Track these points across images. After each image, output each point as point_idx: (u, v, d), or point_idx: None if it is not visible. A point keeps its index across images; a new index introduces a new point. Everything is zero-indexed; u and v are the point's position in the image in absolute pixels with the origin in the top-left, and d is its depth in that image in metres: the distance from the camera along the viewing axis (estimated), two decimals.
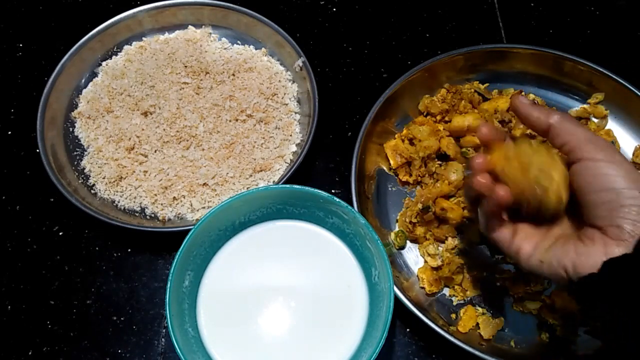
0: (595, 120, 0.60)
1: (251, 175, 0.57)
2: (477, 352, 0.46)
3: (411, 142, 0.58)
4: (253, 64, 0.64)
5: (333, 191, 0.59)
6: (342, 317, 0.45)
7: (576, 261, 0.35)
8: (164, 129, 0.59)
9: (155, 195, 0.56)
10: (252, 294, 0.46)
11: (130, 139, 0.58)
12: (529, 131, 0.57)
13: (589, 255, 0.35)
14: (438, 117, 0.60)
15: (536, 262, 0.38)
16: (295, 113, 0.62)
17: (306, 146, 0.56)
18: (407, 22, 0.70)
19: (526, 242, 0.40)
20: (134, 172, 0.57)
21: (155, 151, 0.58)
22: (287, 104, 0.62)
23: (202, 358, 0.43)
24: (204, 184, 0.56)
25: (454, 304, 0.52)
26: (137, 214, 0.56)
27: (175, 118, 0.59)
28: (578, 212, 0.38)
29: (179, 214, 0.56)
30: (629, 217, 0.34)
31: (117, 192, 0.57)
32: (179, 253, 0.43)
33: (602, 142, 0.37)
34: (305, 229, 0.49)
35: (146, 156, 0.58)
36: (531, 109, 0.40)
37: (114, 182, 0.57)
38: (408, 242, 0.55)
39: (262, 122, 0.60)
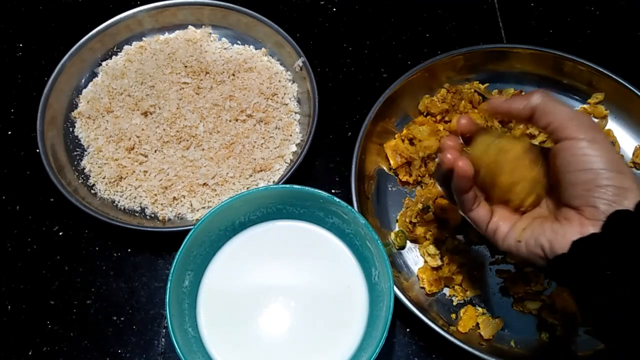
0: (595, 120, 0.60)
1: (251, 175, 0.57)
2: (477, 352, 0.46)
3: (411, 142, 0.58)
4: (253, 64, 0.64)
5: (333, 191, 0.59)
6: (342, 317, 0.45)
7: (552, 239, 0.35)
8: (164, 129, 0.59)
9: (155, 195, 0.56)
10: (252, 294, 0.46)
11: (130, 139, 0.58)
12: (528, 131, 0.57)
13: (565, 234, 0.35)
14: (438, 117, 0.60)
15: (513, 241, 0.38)
16: (295, 113, 0.62)
17: (306, 146, 0.56)
18: (407, 22, 0.70)
19: (503, 223, 0.40)
20: (134, 172, 0.57)
21: (155, 151, 0.58)
22: (287, 104, 0.62)
23: (202, 358, 0.43)
24: (204, 184, 0.56)
25: (454, 304, 0.52)
26: (137, 214, 0.56)
27: (175, 118, 0.59)
28: (556, 192, 0.38)
29: (179, 214, 0.56)
30: (604, 197, 0.34)
31: (117, 192, 0.57)
32: (179, 253, 0.43)
33: (585, 121, 0.36)
34: (305, 229, 0.49)
35: (146, 156, 0.58)
36: (510, 103, 0.39)
37: (114, 182, 0.57)
38: (408, 242, 0.55)
39: (262, 122, 0.60)
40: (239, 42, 0.67)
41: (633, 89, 0.57)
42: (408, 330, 0.52)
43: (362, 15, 0.71)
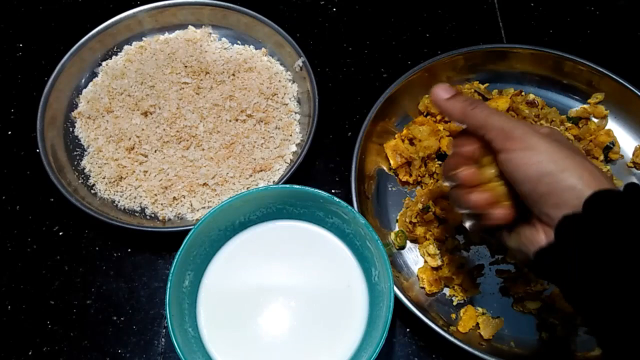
0: (595, 120, 0.60)
1: (251, 175, 0.57)
2: (477, 352, 0.46)
3: (411, 142, 0.58)
4: (253, 64, 0.64)
5: (333, 191, 0.59)
6: (342, 317, 0.45)
7: (527, 247, 0.36)
8: (164, 129, 0.59)
9: (155, 195, 0.56)
10: (252, 293, 0.46)
11: (130, 139, 0.58)
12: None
13: (534, 241, 0.35)
14: (438, 117, 0.60)
15: (509, 245, 0.39)
16: (295, 113, 0.62)
17: (306, 146, 0.56)
18: (407, 22, 0.70)
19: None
20: (134, 172, 0.57)
21: (155, 151, 0.58)
22: (287, 104, 0.62)
23: (202, 358, 0.43)
24: (204, 184, 0.56)
25: (454, 304, 0.52)
26: (137, 214, 0.56)
27: (175, 118, 0.59)
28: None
29: (179, 214, 0.56)
30: (550, 202, 0.33)
31: (117, 192, 0.57)
32: (179, 253, 0.43)
33: (518, 130, 0.34)
34: (305, 229, 0.49)
35: (146, 156, 0.58)
36: (446, 104, 0.38)
37: (114, 182, 0.57)
38: (408, 242, 0.55)
39: (262, 122, 0.60)
40: (239, 42, 0.67)
41: (633, 89, 0.57)
42: (408, 330, 0.52)
43: (362, 15, 0.71)
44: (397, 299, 0.47)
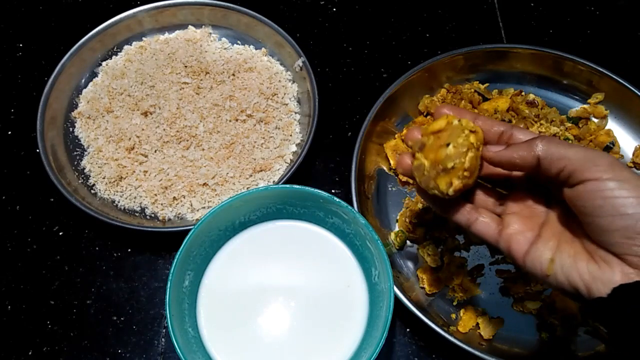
0: (595, 120, 0.60)
1: (251, 175, 0.57)
2: (477, 352, 0.46)
3: None
4: (253, 64, 0.64)
5: (333, 191, 0.59)
6: (342, 317, 0.45)
7: (590, 285, 0.32)
8: (164, 129, 0.59)
9: (155, 195, 0.56)
10: (252, 294, 0.46)
11: (130, 139, 0.58)
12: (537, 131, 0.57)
13: (606, 282, 0.32)
14: None
15: (539, 271, 0.35)
16: (295, 113, 0.62)
17: (306, 146, 0.56)
18: (407, 22, 0.70)
19: (518, 236, 0.36)
20: (134, 172, 0.57)
21: (155, 151, 0.58)
22: (287, 104, 0.62)
23: (202, 358, 0.43)
24: (204, 184, 0.56)
25: (454, 304, 0.52)
26: (137, 214, 0.56)
27: (175, 118, 0.59)
28: (584, 229, 0.34)
29: (179, 214, 0.56)
30: None
31: (117, 192, 0.57)
32: (179, 253, 0.43)
33: (605, 158, 0.32)
34: (305, 229, 0.49)
35: (146, 156, 0.58)
36: (510, 152, 0.35)
37: (114, 182, 0.57)
38: (408, 242, 0.55)
39: (262, 122, 0.60)
40: (239, 42, 0.67)
41: (633, 89, 0.58)
42: (408, 330, 0.52)
43: (362, 15, 0.71)
44: (397, 299, 0.47)
